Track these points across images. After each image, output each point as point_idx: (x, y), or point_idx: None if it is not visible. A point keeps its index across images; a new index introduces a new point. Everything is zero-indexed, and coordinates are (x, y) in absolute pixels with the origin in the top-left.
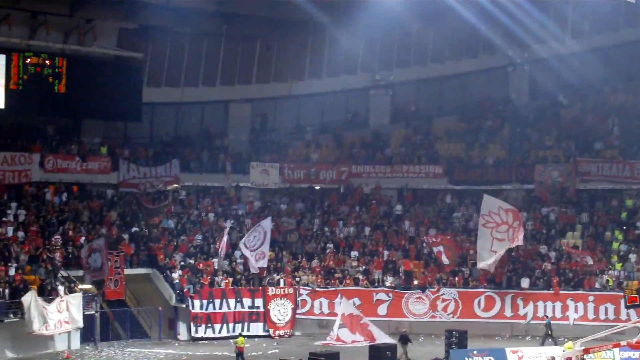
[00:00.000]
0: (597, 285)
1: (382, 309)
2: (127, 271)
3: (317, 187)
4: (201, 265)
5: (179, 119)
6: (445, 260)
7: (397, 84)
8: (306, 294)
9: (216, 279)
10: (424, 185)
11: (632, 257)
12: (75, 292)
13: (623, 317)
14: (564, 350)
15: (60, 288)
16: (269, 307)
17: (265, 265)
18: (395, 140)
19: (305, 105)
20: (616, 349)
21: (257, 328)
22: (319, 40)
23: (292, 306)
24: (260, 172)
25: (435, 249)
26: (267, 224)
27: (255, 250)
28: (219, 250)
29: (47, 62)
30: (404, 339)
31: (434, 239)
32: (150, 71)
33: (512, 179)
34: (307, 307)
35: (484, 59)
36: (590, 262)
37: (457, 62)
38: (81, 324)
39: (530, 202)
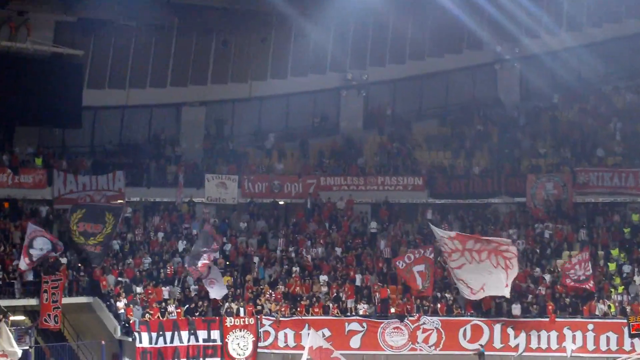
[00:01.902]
0: (597, 312)
1: (355, 341)
2: (66, 300)
3: (281, 202)
4: (150, 292)
5: (125, 124)
6: (419, 283)
7: (372, 84)
8: (269, 325)
9: (168, 308)
10: (402, 200)
11: (638, 279)
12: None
13: (627, 347)
14: None
15: None
16: (227, 340)
17: (223, 294)
18: (370, 148)
19: (267, 108)
20: None
21: None
22: (283, 35)
23: (253, 338)
24: (216, 185)
25: (416, 269)
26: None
27: (206, 278)
28: (193, 275)
29: None
30: None
31: (412, 255)
32: (92, 71)
33: (501, 191)
34: (271, 339)
35: (469, 56)
36: (590, 282)
37: (438, 59)
38: (19, 355)
39: (522, 218)
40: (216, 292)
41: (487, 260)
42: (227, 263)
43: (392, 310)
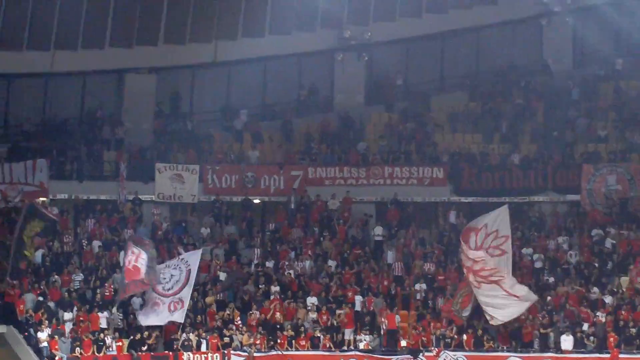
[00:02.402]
0: None
1: None
2: None
3: (257, 201)
4: (82, 319)
5: (49, 97)
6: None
7: (376, 44)
8: None
9: (105, 340)
10: (416, 197)
11: None
12: None
13: None
14: None
15: None
16: None
17: (182, 320)
18: (374, 129)
19: (238, 76)
20: None
21: None
22: None
23: None
24: (170, 178)
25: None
26: (194, 259)
27: (170, 296)
28: (124, 293)
29: None
30: None
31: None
32: (4, 28)
33: (548, 186)
34: None
35: (506, 7)
36: None
37: (465, 11)
38: None
39: (575, 222)
40: (176, 316)
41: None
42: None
43: (403, 343)
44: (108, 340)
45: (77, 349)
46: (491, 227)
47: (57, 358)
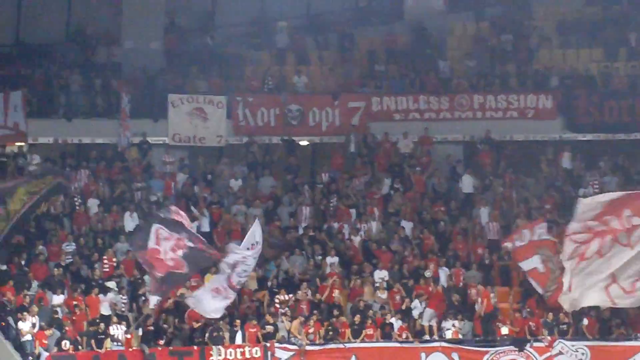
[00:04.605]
0: None
1: None
2: None
3: (305, 143)
4: (77, 304)
5: (24, 10)
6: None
7: None
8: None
9: (110, 330)
10: (517, 135)
11: None
12: None
13: None
14: None
15: None
16: None
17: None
18: (458, 43)
19: None
20: None
21: None
22: None
23: None
24: (189, 113)
25: (526, 264)
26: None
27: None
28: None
29: None
30: None
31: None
32: None
33: None
34: None
35: None
36: None
37: None
38: None
39: None
40: (207, 305)
41: None
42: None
43: (504, 330)
44: (113, 331)
45: (67, 342)
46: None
47: (45, 356)
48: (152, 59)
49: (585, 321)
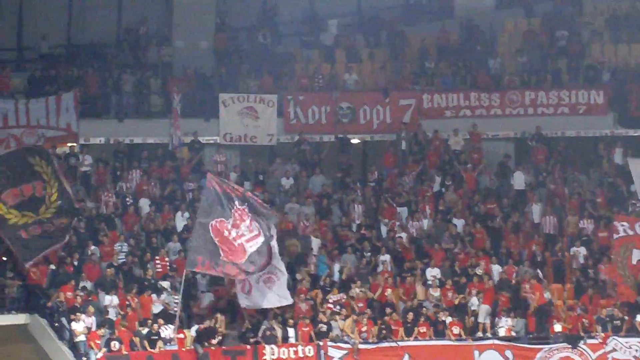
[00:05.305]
0: None
1: None
2: None
3: (355, 141)
4: (129, 303)
5: (75, 10)
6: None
7: None
8: (341, 358)
9: (161, 331)
10: (568, 131)
11: None
12: None
13: None
14: None
15: None
16: None
17: (288, 300)
18: (509, 40)
19: None
20: None
21: None
22: None
23: None
24: (239, 112)
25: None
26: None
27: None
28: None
29: None
30: None
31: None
32: None
33: None
34: None
35: None
36: None
37: None
38: None
39: None
40: (259, 298)
41: None
42: None
43: (557, 327)
44: (165, 332)
45: (116, 343)
46: None
47: (98, 356)
48: (203, 59)
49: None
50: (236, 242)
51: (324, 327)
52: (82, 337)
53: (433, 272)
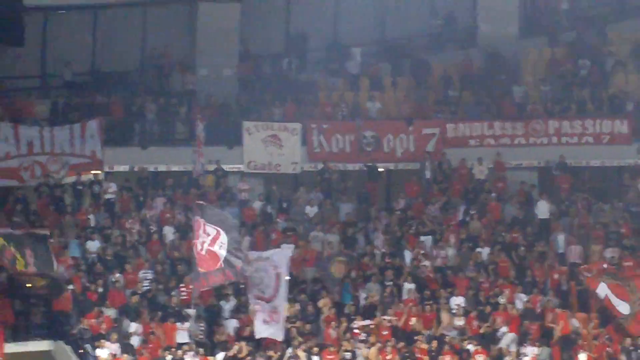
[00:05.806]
0: None
1: None
2: (10, 347)
3: (380, 170)
4: (152, 331)
5: (99, 37)
6: (620, 307)
7: None
8: None
9: (185, 357)
10: (593, 160)
11: None
12: None
13: None
14: None
15: None
16: None
17: (280, 337)
18: (533, 70)
19: (349, 4)
20: None
21: None
22: None
23: None
24: (263, 140)
25: (601, 290)
26: (281, 257)
27: (267, 302)
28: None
29: None
30: None
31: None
32: None
33: None
34: None
35: None
36: None
37: None
38: None
39: None
40: (272, 330)
41: None
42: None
43: (582, 356)
44: (188, 359)
45: None
46: None
47: None
48: (226, 86)
49: None
50: (203, 251)
51: (349, 355)
52: None
53: (457, 301)
